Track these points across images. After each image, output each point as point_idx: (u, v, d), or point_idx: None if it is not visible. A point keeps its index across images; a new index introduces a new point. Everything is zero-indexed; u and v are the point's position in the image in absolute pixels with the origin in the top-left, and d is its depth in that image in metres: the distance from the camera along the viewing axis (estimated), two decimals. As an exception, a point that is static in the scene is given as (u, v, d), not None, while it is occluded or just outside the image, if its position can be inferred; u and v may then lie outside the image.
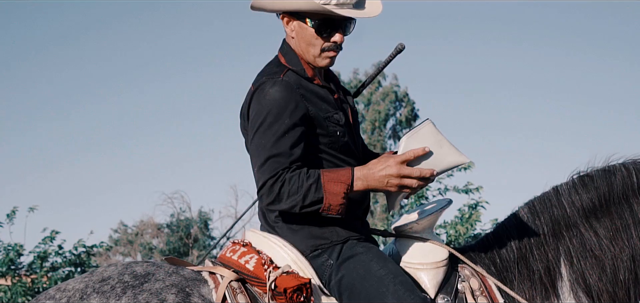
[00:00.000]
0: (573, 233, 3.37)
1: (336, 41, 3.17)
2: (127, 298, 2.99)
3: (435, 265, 3.22)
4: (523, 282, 3.35)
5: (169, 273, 3.11)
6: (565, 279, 3.34)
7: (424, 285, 3.19)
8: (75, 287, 3.05)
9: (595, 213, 3.38)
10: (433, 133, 3.06)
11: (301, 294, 3.02)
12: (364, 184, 3.03)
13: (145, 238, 33.60)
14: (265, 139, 3.05)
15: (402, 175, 3.01)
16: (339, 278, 3.12)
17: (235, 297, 3.06)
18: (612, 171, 3.43)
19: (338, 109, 3.23)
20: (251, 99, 3.15)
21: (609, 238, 3.34)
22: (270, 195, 3.02)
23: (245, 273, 3.12)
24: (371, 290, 3.05)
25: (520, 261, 3.36)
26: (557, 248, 3.36)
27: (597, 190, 3.40)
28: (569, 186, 3.44)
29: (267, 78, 3.14)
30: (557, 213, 3.39)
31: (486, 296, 3.23)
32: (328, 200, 3.00)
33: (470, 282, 3.25)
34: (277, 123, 3.05)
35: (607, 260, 3.33)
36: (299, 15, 3.16)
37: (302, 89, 3.14)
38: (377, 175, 3.03)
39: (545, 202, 3.43)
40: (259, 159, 3.05)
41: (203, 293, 3.08)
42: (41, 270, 14.53)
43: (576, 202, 3.39)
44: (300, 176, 3.01)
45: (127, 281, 3.05)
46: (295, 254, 3.13)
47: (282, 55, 3.26)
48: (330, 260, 3.16)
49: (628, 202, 3.37)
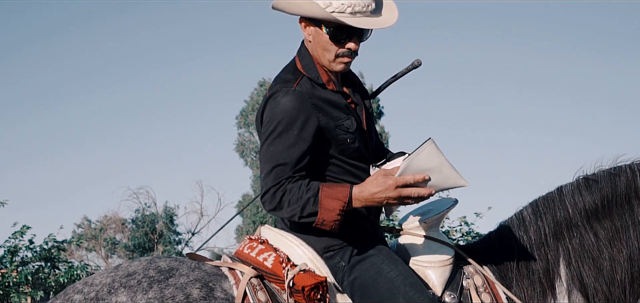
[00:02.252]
0: (573, 234, 3.45)
1: (351, 48, 3.25)
2: (154, 293, 3.11)
3: (442, 263, 3.37)
4: (522, 281, 3.45)
5: (192, 269, 3.22)
6: (563, 279, 3.44)
7: (432, 283, 3.34)
8: (102, 281, 3.16)
9: (596, 215, 3.45)
10: (435, 154, 3.13)
11: (318, 292, 3.15)
12: (361, 203, 3.15)
13: (109, 233, 33.43)
14: (273, 147, 3.16)
15: (401, 196, 3.12)
16: (352, 280, 3.25)
17: (255, 293, 3.18)
18: (617, 172, 3.48)
19: (350, 114, 3.31)
20: (265, 105, 3.26)
21: (608, 239, 3.42)
22: (272, 202, 3.16)
23: (264, 270, 3.24)
24: (383, 291, 3.19)
25: (520, 261, 3.46)
26: (557, 249, 3.45)
27: (601, 191, 3.46)
28: (573, 187, 3.51)
29: (281, 86, 3.23)
30: (559, 214, 3.47)
31: (489, 293, 3.37)
32: (322, 215, 3.12)
33: (474, 279, 3.39)
34: (287, 133, 3.15)
35: (605, 261, 3.41)
36: (315, 22, 3.25)
37: (314, 98, 3.23)
38: (375, 197, 3.13)
39: (549, 203, 3.51)
40: (266, 166, 3.17)
41: (225, 288, 3.20)
42: (11, 265, 14.48)
43: (579, 203, 3.46)
44: (300, 188, 3.13)
45: (153, 276, 3.16)
46: (312, 253, 3.25)
47: (299, 58, 3.34)
48: (342, 262, 3.29)
49: (629, 204, 3.44)
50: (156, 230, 32.84)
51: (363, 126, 3.38)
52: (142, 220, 32.78)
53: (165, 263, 3.23)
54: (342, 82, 3.40)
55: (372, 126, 3.47)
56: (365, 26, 3.21)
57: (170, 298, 3.10)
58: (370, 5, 3.23)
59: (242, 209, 6.23)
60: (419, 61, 3.56)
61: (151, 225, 32.77)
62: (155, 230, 32.79)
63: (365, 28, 3.24)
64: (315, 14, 3.21)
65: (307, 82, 3.26)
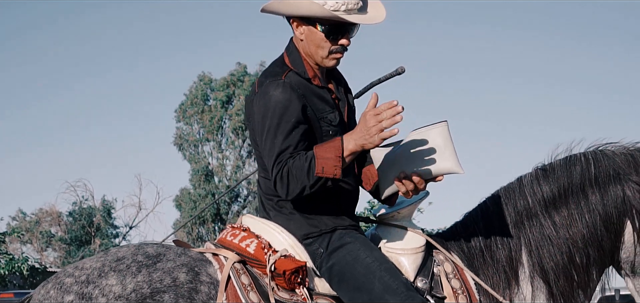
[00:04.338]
0: (533, 222, 3.64)
1: (343, 44, 3.42)
2: (143, 276, 3.23)
3: (414, 250, 3.55)
4: (487, 269, 3.63)
5: (178, 254, 3.36)
6: (526, 267, 3.63)
7: (404, 269, 3.50)
8: (92, 265, 3.27)
9: (554, 203, 3.64)
10: (445, 135, 3.31)
11: (298, 276, 3.33)
12: (352, 143, 3.23)
13: (44, 226, 33.06)
14: (276, 139, 3.31)
15: (376, 115, 3.18)
16: (330, 265, 3.41)
17: (239, 277, 3.34)
18: (572, 161, 3.69)
19: (334, 108, 3.49)
20: (255, 98, 3.41)
21: (566, 226, 3.62)
22: (282, 188, 3.30)
23: (247, 255, 3.39)
24: (359, 276, 3.36)
25: (485, 250, 3.64)
26: (518, 238, 3.64)
27: (557, 180, 3.65)
28: (531, 177, 3.70)
29: (270, 80, 3.39)
30: (520, 204, 3.66)
31: (459, 279, 3.56)
32: (321, 164, 3.23)
33: (445, 266, 3.57)
34: (284, 122, 3.31)
35: (563, 246, 3.61)
36: (309, 21, 3.41)
37: (301, 89, 3.40)
38: (358, 129, 3.23)
39: (509, 193, 3.70)
40: (271, 159, 3.32)
41: (210, 273, 3.34)
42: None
43: (537, 193, 3.65)
44: (300, 159, 3.27)
45: (141, 260, 3.28)
46: (292, 239, 3.41)
47: (287, 55, 3.50)
48: (320, 249, 3.44)
49: (584, 192, 3.64)
50: (93, 223, 32.60)
51: (345, 120, 3.55)
52: (79, 213, 32.51)
53: (152, 249, 3.36)
54: (327, 79, 3.56)
55: (354, 122, 3.63)
56: (360, 22, 3.39)
57: (158, 281, 3.23)
58: (359, 3, 3.40)
59: (235, 185, 6.21)
60: (403, 68, 3.72)
61: (88, 218, 32.52)
62: (92, 223, 32.55)
63: (359, 24, 3.41)
64: (313, 12, 3.37)
65: (294, 76, 3.43)
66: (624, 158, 3.67)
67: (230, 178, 36.68)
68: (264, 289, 3.34)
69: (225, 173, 36.90)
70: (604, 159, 3.68)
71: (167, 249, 3.38)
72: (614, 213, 3.62)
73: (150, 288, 3.21)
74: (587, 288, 3.67)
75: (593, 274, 3.67)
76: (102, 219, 32.76)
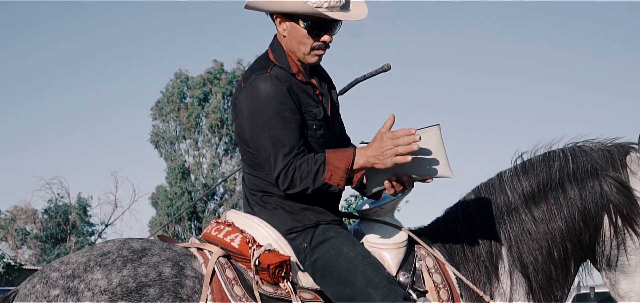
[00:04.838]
0: (513, 217, 3.69)
1: (325, 41, 3.47)
2: (128, 271, 3.25)
3: (397, 245, 3.59)
4: (467, 264, 3.67)
5: (163, 249, 3.38)
6: (505, 261, 3.68)
7: (387, 264, 3.55)
8: (78, 260, 3.29)
9: (533, 198, 3.69)
10: (436, 139, 3.31)
11: (282, 270, 3.37)
12: (364, 159, 3.31)
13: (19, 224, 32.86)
14: (272, 131, 3.35)
15: (393, 138, 3.24)
16: (313, 260, 3.45)
17: (223, 271, 3.37)
18: (551, 157, 3.74)
19: (318, 104, 3.53)
20: (242, 93, 3.45)
21: (545, 221, 3.67)
22: (285, 182, 3.35)
23: (231, 250, 3.43)
24: (342, 270, 3.40)
25: (465, 245, 3.69)
26: (498, 233, 3.69)
27: (537, 176, 3.70)
28: (511, 172, 3.75)
29: (256, 74, 3.43)
30: (500, 200, 3.71)
31: (440, 273, 3.61)
32: (330, 171, 3.31)
33: (426, 261, 3.62)
34: (279, 114, 3.36)
35: (542, 241, 3.66)
36: (292, 17, 3.45)
37: (287, 82, 3.44)
38: (372, 146, 3.28)
39: (490, 189, 3.75)
40: (271, 151, 3.36)
41: (194, 267, 3.37)
42: None
43: (517, 188, 3.70)
44: (308, 162, 3.34)
45: (127, 255, 3.31)
46: (276, 234, 3.45)
47: (271, 51, 3.54)
48: (304, 243, 3.48)
49: (563, 187, 3.69)
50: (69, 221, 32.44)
51: (329, 115, 3.59)
52: (55, 210, 32.34)
53: (138, 244, 3.39)
54: (310, 75, 3.60)
55: (337, 117, 3.68)
56: (343, 19, 3.44)
57: (144, 276, 3.26)
58: (341, 0, 3.44)
59: (227, 176, 6.24)
60: (389, 66, 3.75)
61: (64, 215, 32.36)
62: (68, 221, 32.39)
63: (342, 21, 3.46)
64: (297, 8, 3.41)
65: (279, 70, 3.47)
66: (601, 154, 3.73)
67: (207, 176, 36.63)
68: (248, 283, 3.37)
69: (201, 171, 36.83)
70: (582, 155, 3.73)
71: (152, 244, 3.40)
72: (592, 208, 3.68)
73: (135, 282, 3.23)
74: (565, 282, 3.72)
75: (571, 268, 3.73)
76: (78, 217, 32.60)
